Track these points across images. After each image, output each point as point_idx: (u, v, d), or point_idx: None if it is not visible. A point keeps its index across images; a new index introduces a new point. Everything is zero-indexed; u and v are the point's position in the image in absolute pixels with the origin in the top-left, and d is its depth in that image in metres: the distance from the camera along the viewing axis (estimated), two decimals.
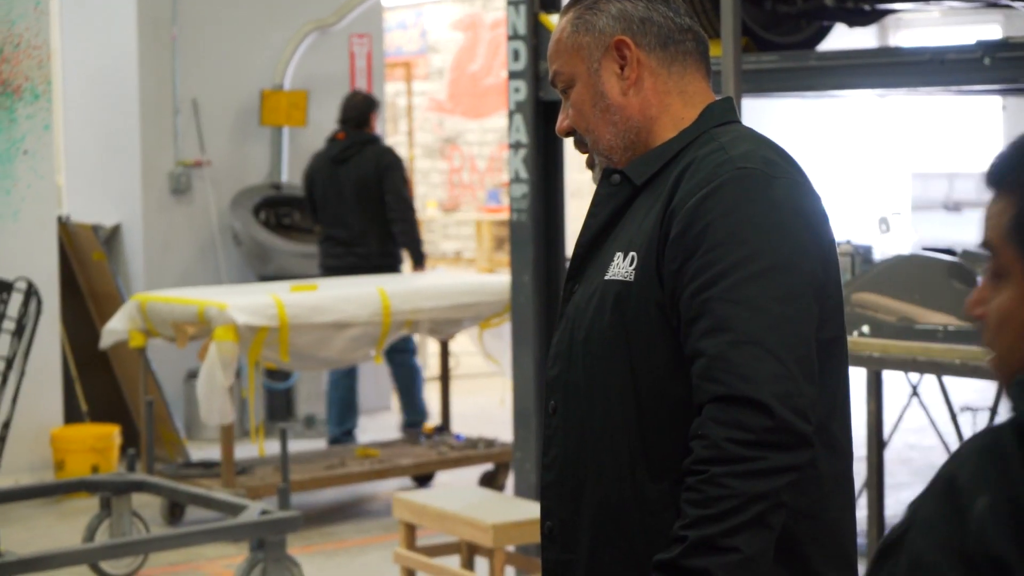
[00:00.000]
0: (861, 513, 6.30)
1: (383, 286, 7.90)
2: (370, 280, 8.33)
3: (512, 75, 6.53)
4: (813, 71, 5.62)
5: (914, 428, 9.53)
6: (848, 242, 5.87)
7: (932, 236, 15.86)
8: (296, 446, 8.97)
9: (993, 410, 5.95)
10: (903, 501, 7.97)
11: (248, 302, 7.40)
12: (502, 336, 8.14)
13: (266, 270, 9.69)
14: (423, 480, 8.44)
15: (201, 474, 7.78)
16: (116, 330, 7.74)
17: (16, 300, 7.83)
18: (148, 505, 7.47)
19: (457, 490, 6.75)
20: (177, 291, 8.05)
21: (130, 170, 9.68)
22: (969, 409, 6.60)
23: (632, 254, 2.46)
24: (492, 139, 16.52)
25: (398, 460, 8.07)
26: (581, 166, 2.76)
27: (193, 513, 7.64)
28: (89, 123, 10.00)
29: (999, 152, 1.66)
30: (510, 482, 7.98)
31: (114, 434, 8.39)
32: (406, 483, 8.42)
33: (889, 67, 5.49)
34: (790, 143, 2.63)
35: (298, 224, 10.06)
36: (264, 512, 5.86)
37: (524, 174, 6.55)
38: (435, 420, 9.21)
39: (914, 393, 6.53)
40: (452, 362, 9.50)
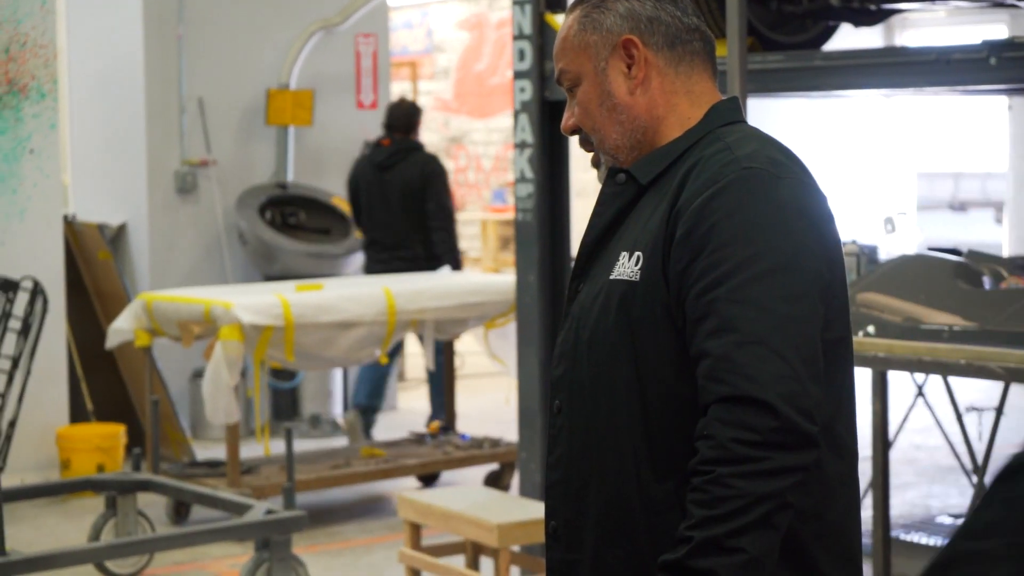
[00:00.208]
0: (866, 513, 6.29)
1: (388, 286, 7.90)
2: (375, 280, 8.33)
3: (517, 75, 6.53)
4: (819, 71, 5.62)
5: (919, 428, 9.53)
6: (853, 242, 5.86)
7: (938, 236, 15.87)
8: (301, 445, 8.98)
9: (999, 410, 5.94)
10: (908, 501, 7.97)
11: (254, 301, 7.41)
12: (507, 336, 8.14)
13: (272, 269, 9.69)
14: (428, 480, 8.44)
15: (206, 473, 7.78)
16: (122, 329, 7.74)
17: (22, 299, 7.84)
18: (153, 504, 7.48)
19: (462, 490, 6.74)
20: (183, 290, 8.05)
21: (136, 169, 9.69)
22: (975, 409, 6.59)
23: (637, 254, 2.46)
24: (497, 139, 16.52)
25: (403, 460, 8.07)
26: (586, 166, 2.76)
27: (198, 512, 7.65)
28: (95, 122, 10.01)
29: None
30: (515, 482, 7.98)
31: (120, 433, 8.40)
32: (411, 483, 8.42)
33: (895, 67, 5.49)
34: (795, 143, 2.63)
35: (304, 224, 10.06)
36: (269, 512, 5.86)
37: (529, 174, 6.55)
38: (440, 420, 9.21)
39: (919, 393, 6.52)
40: (457, 362, 9.50)
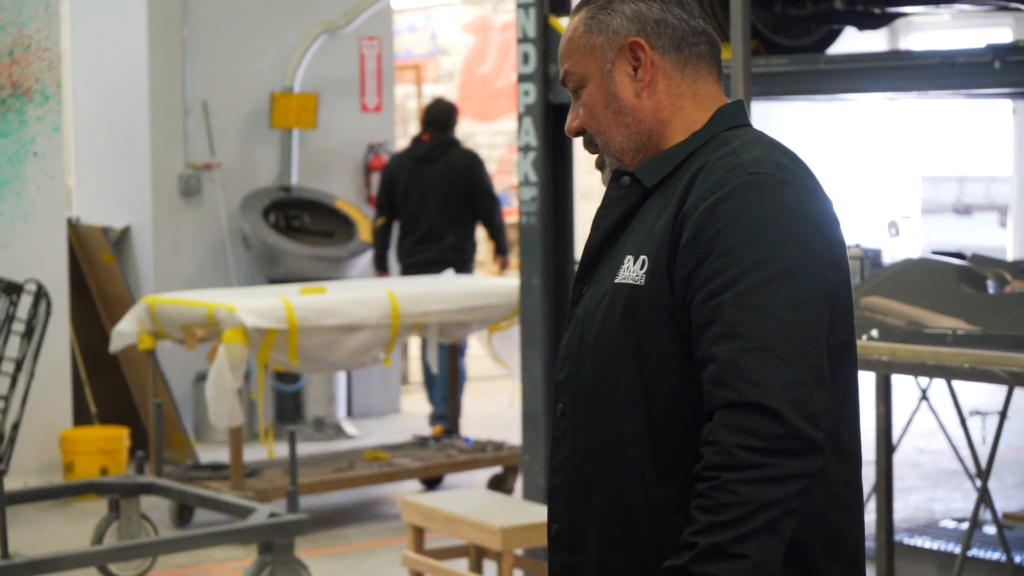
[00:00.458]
0: (870, 517, 6.29)
1: (392, 288, 7.90)
2: (379, 283, 8.33)
3: (521, 78, 6.53)
4: (823, 74, 5.62)
5: (923, 432, 9.52)
6: (857, 245, 5.86)
7: (942, 239, 15.87)
8: (305, 449, 8.98)
9: (1003, 414, 5.92)
10: (912, 505, 7.96)
11: (257, 304, 7.41)
12: (511, 339, 8.14)
13: (275, 272, 9.69)
14: (432, 483, 8.44)
15: (210, 476, 7.78)
16: (125, 332, 7.74)
17: (26, 302, 7.84)
18: (157, 507, 7.48)
19: (465, 493, 6.74)
20: (186, 293, 8.05)
21: (140, 172, 9.69)
22: (979, 413, 6.57)
23: (643, 257, 2.45)
24: (502, 142, 16.51)
25: (406, 463, 8.06)
26: (590, 169, 2.76)
27: (201, 515, 7.65)
28: (99, 125, 10.01)
29: None
30: (519, 485, 7.98)
31: (123, 436, 8.40)
32: (414, 486, 8.42)
33: (899, 71, 5.48)
34: (799, 146, 2.62)
35: (307, 227, 10.06)
36: (272, 515, 5.86)
37: (533, 177, 6.55)
38: (443, 423, 9.21)
39: (923, 397, 6.51)
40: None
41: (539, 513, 5.85)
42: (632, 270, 2.46)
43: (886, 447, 5.72)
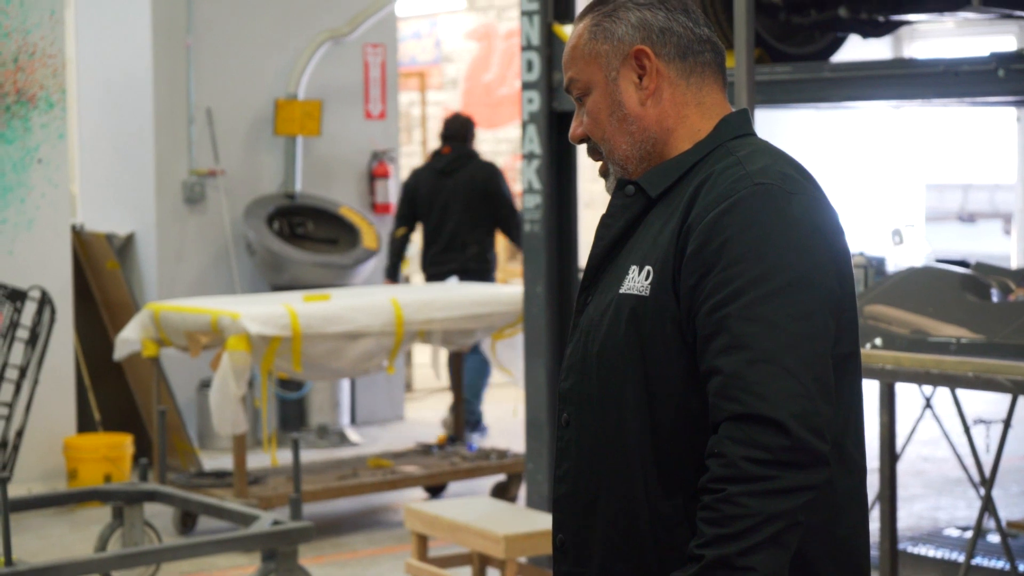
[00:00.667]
0: (873, 526, 6.28)
1: (396, 296, 7.90)
2: (383, 290, 8.33)
3: (526, 85, 6.54)
4: (827, 83, 5.62)
5: (927, 440, 9.51)
6: (861, 254, 5.86)
7: (946, 247, 15.86)
8: (308, 456, 8.98)
9: (1007, 423, 5.92)
10: (916, 514, 7.95)
11: (261, 312, 7.41)
12: (515, 347, 8.14)
13: (279, 280, 9.69)
14: (435, 491, 8.43)
15: (213, 484, 7.78)
16: (129, 339, 7.75)
17: (30, 309, 7.84)
18: (160, 515, 7.48)
19: (469, 501, 6.73)
20: (190, 300, 8.05)
21: (144, 179, 9.70)
22: (982, 421, 6.57)
23: (648, 268, 2.45)
24: (505, 149, 16.51)
25: (410, 470, 8.06)
26: (594, 176, 2.75)
27: (205, 523, 7.65)
28: (103, 132, 10.02)
29: None
30: (522, 493, 7.98)
31: (127, 443, 8.40)
32: (418, 494, 8.41)
33: (903, 79, 5.48)
34: (803, 154, 2.62)
35: (311, 234, 10.07)
36: (276, 522, 5.85)
37: (537, 184, 6.55)
38: (447, 430, 9.21)
39: (927, 405, 6.50)
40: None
41: (543, 521, 5.84)
42: (637, 281, 2.45)
43: (890, 455, 5.72)
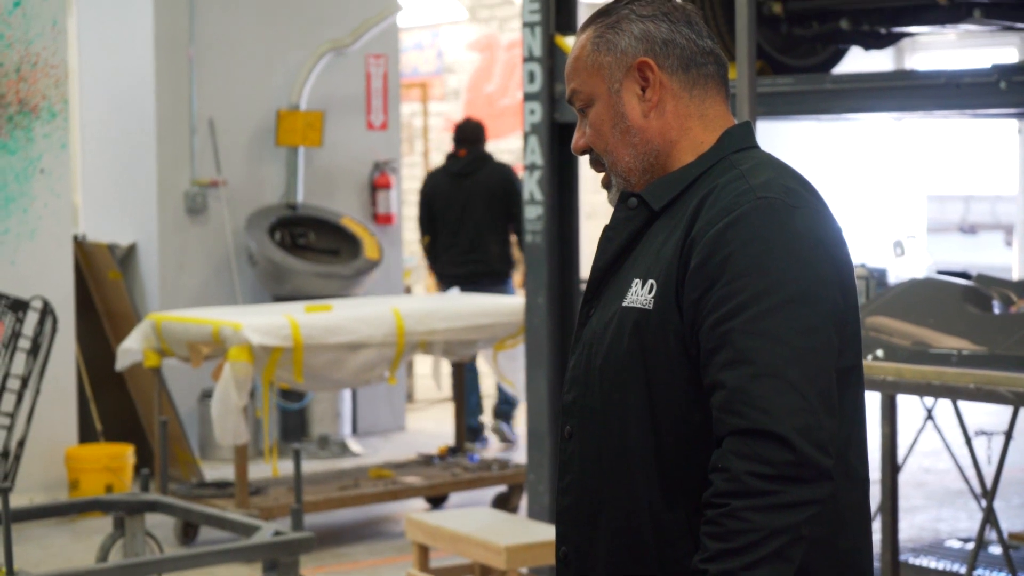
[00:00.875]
0: (875, 537, 6.28)
1: (397, 306, 7.90)
2: (384, 301, 8.33)
3: (527, 97, 6.54)
4: (828, 94, 5.62)
5: (928, 451, 9.51)
6: (863, 265, 5.86)
7: (947, 259, 15.85)
8: (310, 466, 8.98)
9: (1008, 434, 5.92)
10: (917, 525, 7.95)
11: (263, 322, 7.41)
12: (516, 358, 8.15)
13: (281, 290, 9.70)
14: (436, 501, 8.43)
15: (215, 494, 7.78)
16: (131, 349, 7.75)
17: (32, 319, 7.85)
18: (161, 525, 7.47)
19: (470, 512, 6.74)
20: (192, 311, 8.05)
21: (146, 189, 9.70)
22: (984, 433, 6.57)
23: (651, 282, 2.44)
24: (507, 160, 16.53)
25: (411, 481, 8.06)
26: (596, 188, 2.74)
27: (206, 533, 7.64)
28: (106, 142, 10.03)
29: None
30: (523, 504, 7.98)
31: (128, 453, 8.40)
32: (419, 504, 8.41)
33: (905, 90, 5.49)
34: (805, 166, 2.62)
35: (313, 244, 10.07)
36: (277, 533, 5.85)
37: (539, 196, 6.56)
38: (448, 441, 9.21)
39: (929, 417, 6.50)
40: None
41: (544, 532, 5.84)
42: (640, 294, 2.45)
43: (891, 467, 5.72)
